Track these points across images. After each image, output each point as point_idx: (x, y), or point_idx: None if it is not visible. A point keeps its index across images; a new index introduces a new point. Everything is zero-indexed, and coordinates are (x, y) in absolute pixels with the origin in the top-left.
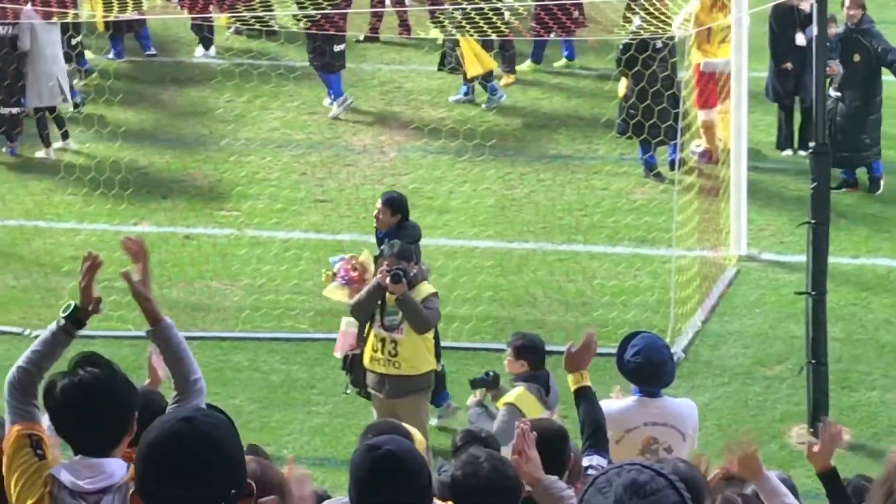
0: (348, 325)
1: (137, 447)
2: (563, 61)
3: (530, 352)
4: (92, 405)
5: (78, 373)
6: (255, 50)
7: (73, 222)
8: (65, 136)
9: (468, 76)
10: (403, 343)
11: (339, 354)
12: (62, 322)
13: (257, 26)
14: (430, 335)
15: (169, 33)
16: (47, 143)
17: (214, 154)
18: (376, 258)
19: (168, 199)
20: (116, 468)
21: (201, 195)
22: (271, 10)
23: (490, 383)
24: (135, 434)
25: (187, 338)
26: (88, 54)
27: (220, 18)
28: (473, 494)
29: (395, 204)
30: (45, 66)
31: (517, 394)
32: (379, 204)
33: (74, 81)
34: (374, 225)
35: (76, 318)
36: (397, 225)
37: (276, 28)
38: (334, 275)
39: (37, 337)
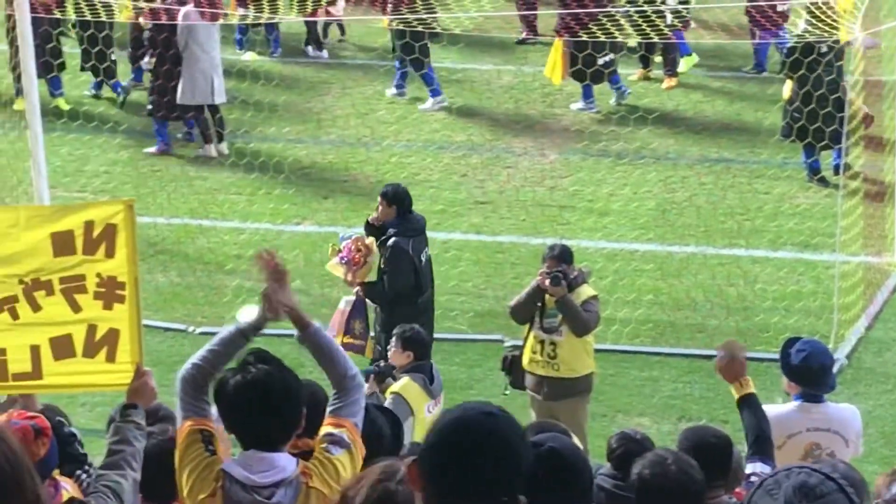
0: (347, 304)
1: (429, 434)
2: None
3: (416, 343)
4: (264, 401)
5: (249, 370)
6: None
7: (237, 221)
8: (220, 138)
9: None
10: (562, 345)
11: (333, 334)
12: (242, 326)
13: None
14: (590, 338)
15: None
16: (208, 140)
17: (376, 155)
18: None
19: (330, 200)
20: (287, 462)
21: (362, 195)
22: (434, 13)
23: (380, 374)
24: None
25: None
26: (252, 55)
27: (382, 21)
28: (660, 494)
29: (391, 196)
30: (200, 65)
31: (402, 384)
32: (380, 197)
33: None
34: (375, 217)
35: (255, 324)
36: (399, 216)
37: (438, 30)
38: (339, 251)
39: (201, 334)
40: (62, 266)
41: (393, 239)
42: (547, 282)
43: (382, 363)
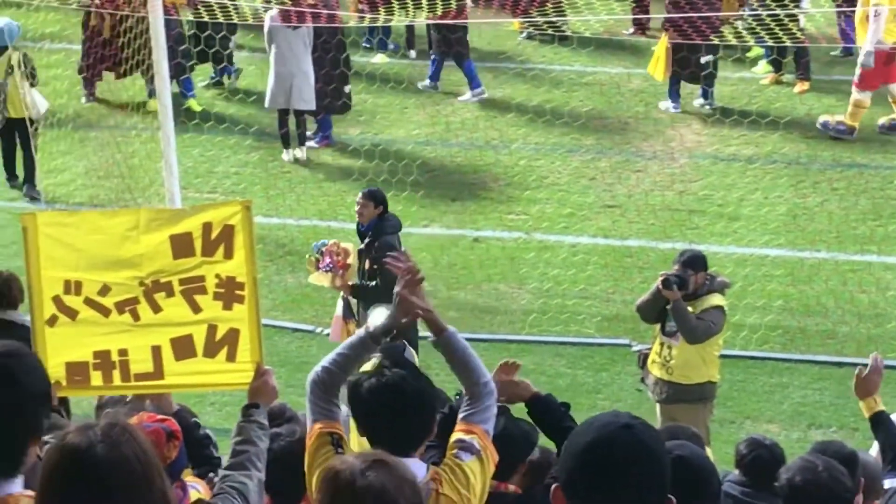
0: (342, 308)
1: (568, 441)
2: None
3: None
4: (397, 405)
5: (384, 373)
6: (548, 56)
7: None
8: (300, 142)
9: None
10: (677, 350)
11: (334, 339)
12: (372, 331)
13: (550, 31)
14: (712, 347)
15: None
16: (285, 145)
17: (504, 158)
18: (360, 252)
19: (458, 202)
20: (418, 468)
21: (490, 198)
22: (563, 15)
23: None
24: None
25: (474, 340)
26: (382, 57)
27: (513, 23)
28: (811, 502)
29: (378, 196)
30: (278, 69)
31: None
32: (360, 198)
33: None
34: (357, 220)
35: (386, 328)
36: (378, 217)
37: (568, 33)
38: (317, 261)
39: (328, 335)
40: (182, 268)
41: (383, 237)
42: (660, 283)
43: None
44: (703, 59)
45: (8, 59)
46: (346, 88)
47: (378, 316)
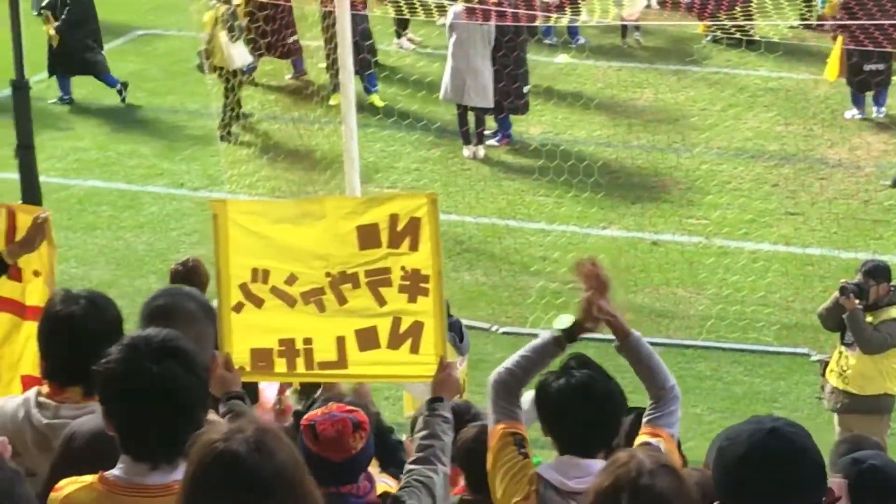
0: None
1: (717, 458)
2: None
3: None
4: (585, 406)
5: (573, 374)
6: (733, 60)
7: (544, 223)
8: (479, 141)
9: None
10: (855, 360)
11: None
12: (557, 335)
13: (738, 35)
14: (891, 361)
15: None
16: (465, 141)
17: (686, 161)
18: None
19: (637, 205)
20: None
21: (670, 202)
22: (752, 20)
23: None
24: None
25: (651, 344)
26: (565, 57)
27: (699, 26)
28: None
29: None
30: (454, 64)
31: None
32: None
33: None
34: None
35: (570, 332)
36: None
37: (756, 38)
38: None
39: (503, 334)
40: (368, 259)
41: None
42: (837, 291)
43: None
44: (867, 67)
45: (215, 12)
46: (525, 89)
47: (564, 321)
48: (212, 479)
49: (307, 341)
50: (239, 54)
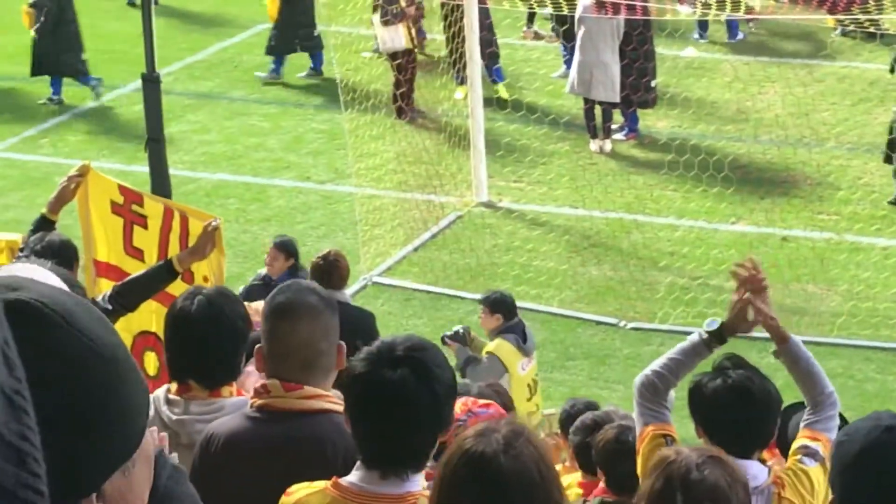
0: None
1: (834, 455)
2: None
3: (502, 305)
4: (744, 407)
5: (729, 374)
6: (863, 53)
7: (672, 218)
8: (606, 135)
9: None
10: None
11: None
12: (705, 336)
13: (871, 29)
14: None
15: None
16: (592, 135)
17: (817, 156)
18: None
19: (767, 200)
20: (759, 471)
21: (801, 197)
22: (883, 13)
23: (461, 339)
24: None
25: None
26: (693, 50)
27: (827, 20)
28: None
29: (290, 247)
30: (582, 58)
31: (496, 344)
32: (271, 249)
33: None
34: (267, 272)
35: (719, 334)
36: (289, 269)
37: (892, 32)
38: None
39: (632, 329)
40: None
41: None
42: None
43: (462, 328)
44: None
45: None
46: (653, 82)
47: (713, 323)
48: (457, 477)
49: None
50: (391, 37)
